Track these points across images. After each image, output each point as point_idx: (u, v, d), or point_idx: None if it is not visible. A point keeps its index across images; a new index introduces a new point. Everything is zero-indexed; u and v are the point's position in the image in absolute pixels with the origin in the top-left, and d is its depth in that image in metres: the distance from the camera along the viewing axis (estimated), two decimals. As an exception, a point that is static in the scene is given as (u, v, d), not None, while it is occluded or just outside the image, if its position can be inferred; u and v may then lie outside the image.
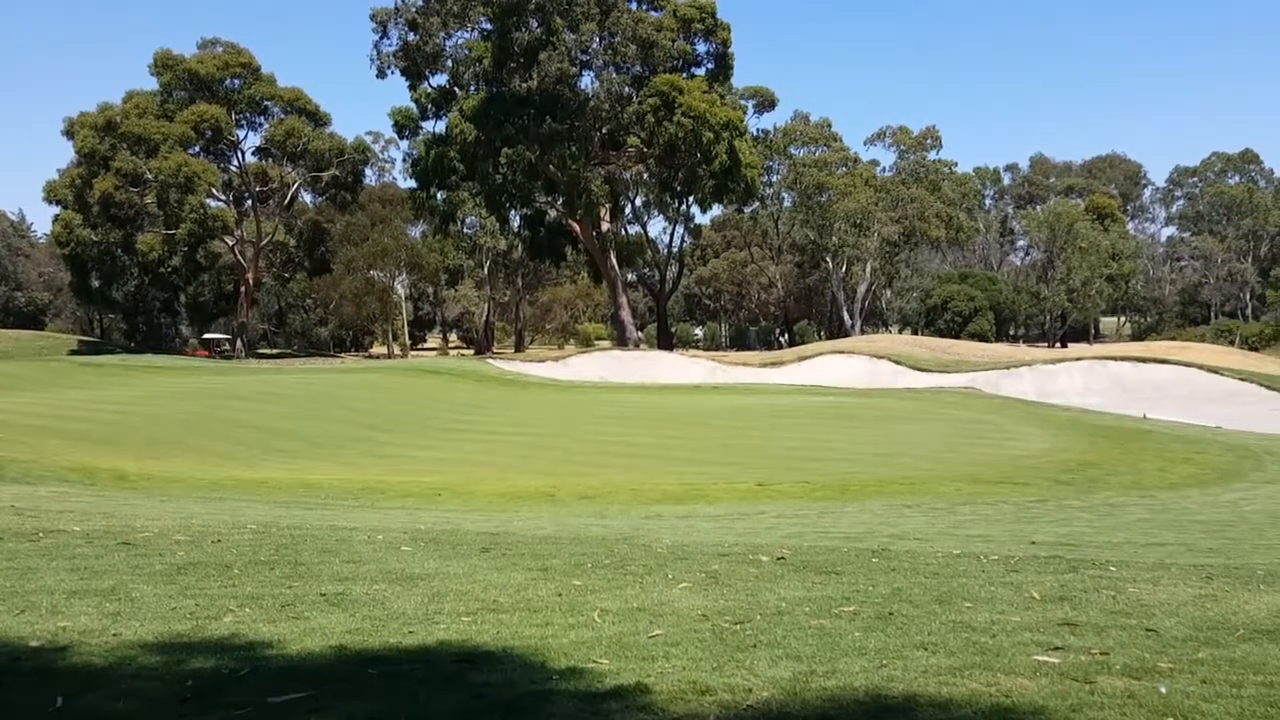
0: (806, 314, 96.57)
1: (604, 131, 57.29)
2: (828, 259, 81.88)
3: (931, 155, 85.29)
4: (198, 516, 9.10)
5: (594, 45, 55.34)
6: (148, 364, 48.24)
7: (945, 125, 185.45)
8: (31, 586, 5.18)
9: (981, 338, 68.20)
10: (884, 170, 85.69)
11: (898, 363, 43.25)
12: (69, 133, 61.62)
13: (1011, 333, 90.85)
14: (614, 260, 61.74)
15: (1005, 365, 40.54)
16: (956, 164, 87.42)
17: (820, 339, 79.76)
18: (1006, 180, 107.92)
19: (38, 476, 14.65)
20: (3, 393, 29.86)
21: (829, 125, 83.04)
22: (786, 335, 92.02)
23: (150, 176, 58.64)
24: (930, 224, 79.70)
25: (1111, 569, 6.19)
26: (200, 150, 63.43)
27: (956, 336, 65.15)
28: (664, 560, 6.47)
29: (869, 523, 10.11)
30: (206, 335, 71.40)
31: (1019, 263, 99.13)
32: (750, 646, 4.12)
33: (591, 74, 56.76)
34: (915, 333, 77.43)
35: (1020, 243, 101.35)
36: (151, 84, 63.19)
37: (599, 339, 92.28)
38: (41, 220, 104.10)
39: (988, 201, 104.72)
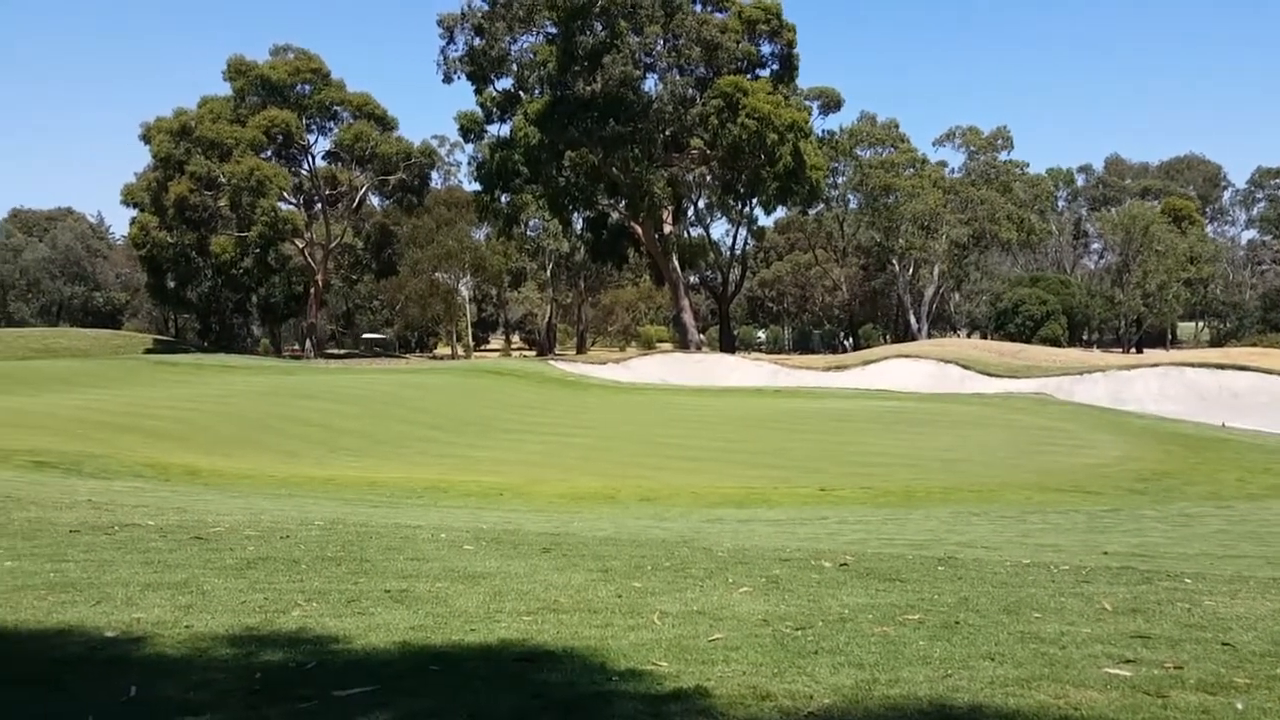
0: (872, 317, 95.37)
1: (667, 134, 57.25)
2: (894, 261, 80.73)
3: (1002, 156, 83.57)
4: (267, 512, 9.30)
5: (658, 48, 55.33)
6: (220, 363, 49.43)
7: (1017, 125, 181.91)
8: (108, 578, 5.33)
9: (1054, 342, 66.63)
10: (953, 171, 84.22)
11: (966, 367, 42.46)
12: (146, 137, 63.48)
13: (1085, 338, 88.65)
14: (676, 262, 61.67)
15: (1078, 371, 39.51)
16: (1028, 165, 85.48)
17: (886, 343, 78.64)
18: (1080, 182, 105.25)
19: (114, 472, 15.12)
20: (81, 390, 30.88)
21: (896, 126, 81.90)
22: (851, 339, 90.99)
23: (223, 180, 60.21)
24: (1001, 226, 78.12)
25: (1187, 581, 6.00)
26: (272, 154, 64.86)
27: (1027, 341, 63.74)
28: (724, 564, 6.44)
29: (934, 530, 9.93)
30: (366, 335, 73.16)
31: (1093, 266, 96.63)
32: (812, 653, 4.07)
33: (655, 76, 56.77)
34: (985, 337, 76.04)
35: (1094, 245, 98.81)
36: (225, 89, 64.87)
37: (660, 341, 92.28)
38: (119, 223, 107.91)
39: (1061, 203, 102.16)
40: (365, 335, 73.61)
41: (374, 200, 75.79)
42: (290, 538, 7.12)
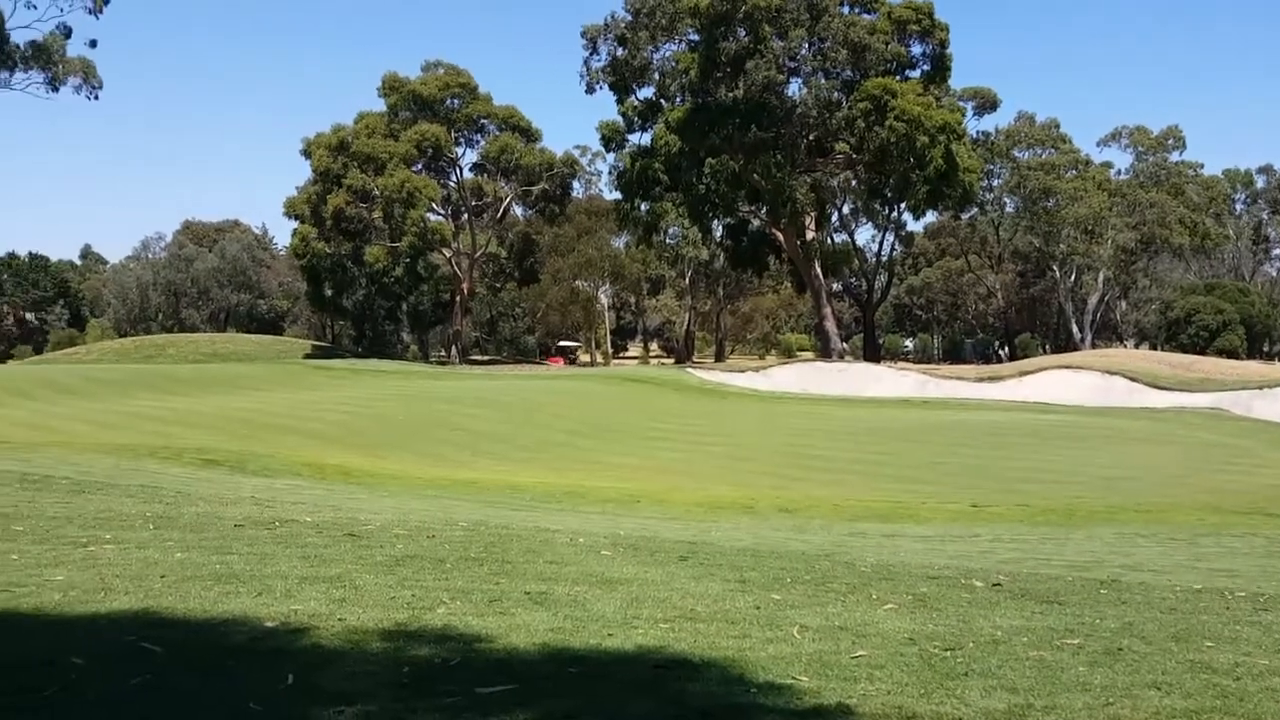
0: (1029, 326, 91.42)
1: (811, 138, 56.54)
2: (1054, 268, 77.17)
3: (1174, 156, 78.79)
4: (415, 512, 9.64)
5: (802, 51, 54.72)
6: (373, 368, 51.33)
7: (1189, 124, 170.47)
8: (268, 571, 5.59)
9: (1231, 354, 62.18)
10: (1119, 173, 79.94)
11: (1133, 379, 40.09)
12: (306, 152, 67.18)
13: (1266, 349, 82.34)
14: (818, 269, 60.78)
15: (1258, 385, 36.69)
16: (1202, 166, 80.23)
17: (1044, 353, 75.28)
18: (1260, 183, 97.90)
19: (275, 470, 15.97)
20: (246, 393, 32.78)
21: (1056, 126, 78.28)
22: (1006, 348, 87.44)
23: (377, 192, 63.06)
24: (1172, 230, 73.56)
25: (1384, 615, 5.45)
26: (422, 167, 67.49)
27: (1201, 353, 59.65)
28: (868, 579, 6.27)
29: (1096, 551, 9.40)
30: (562, 343, 76.13)
31: (1275, 273, 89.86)
32: (961, 675, 3.90)
33: (799, 80, 56.16)
34: (1154, 348, 71.68)
35: (1276, 251, 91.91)
36: (380, 105, 67.94)
37: (801, 350, 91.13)
38: (282, 234, 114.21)
39: (1238, 206, 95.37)
40: (562, 343, 76.09)
41: (517, 210, 77.88)
42: (436, 537, 7.33)
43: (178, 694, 3.44)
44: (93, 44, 64.75)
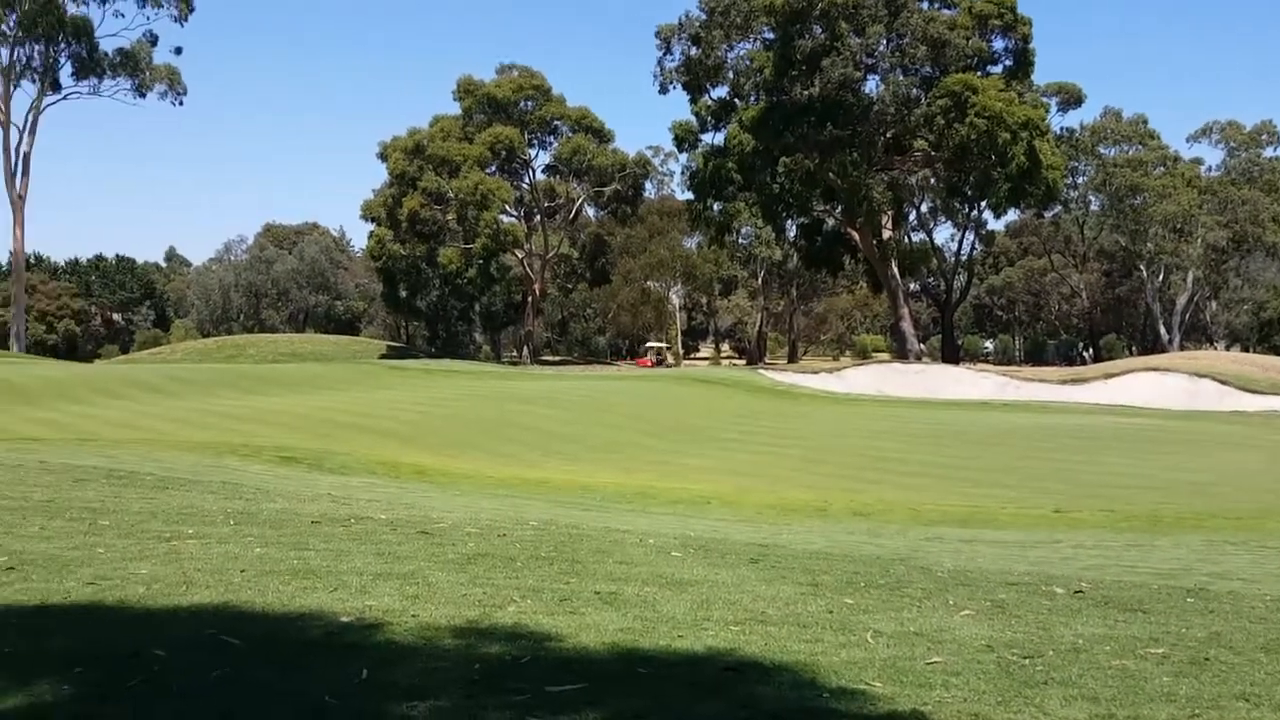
0: (1115, 327, 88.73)
1: (888, 136, 55.79)
2: (1141, 267, 74.79)
3: (1268, 152, 75.75)
4: (485, 511, 9.74)
5: (880, 48, 54.06)
6: (446, 368, 51.83)
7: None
8: (344, 567, 5.70)
9: (1328, 356, 59.41)
10: (1209, 170, 77.19)
11: (1224, 382, 38.61)
12: (383, 156, 68.60)
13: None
14: (895, 269, 59.92)
15: (1359, 388, 35.05)
16: (1300, 161, 77.04)
17: (1131, 354, 73.02)
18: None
19: (351, 468, 16.30)
20: (323, 392, 33.38)
21: (1144, 121, 75.85)
22: (1091, 350, 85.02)
23: (451, 195, 64.06)
24: (1266, 229, 70.70)
25: None
26: (495, 169, 68.38)
27: (1296, 354, 57.18)
28: (944, 584, 6.16)
29: (1184, 559, 9.06)
30: (649, 344, 76.96)
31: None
32: (1040, 683, 3.81)
33: (876, 78, 55.52)
34: (1246, 349, 69.02)
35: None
36: (455, 109, 69.03)
37: (877, 351, 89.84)
38: (359, 236, 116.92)
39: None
40: (649, 344, 76.58)
41: (589, 211, 78.36)
42: (507, 536, 7.40)
43: (256, 687, 3.52)
44: (178, 51, 66.79)
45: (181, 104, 68.61)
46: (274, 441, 18.77)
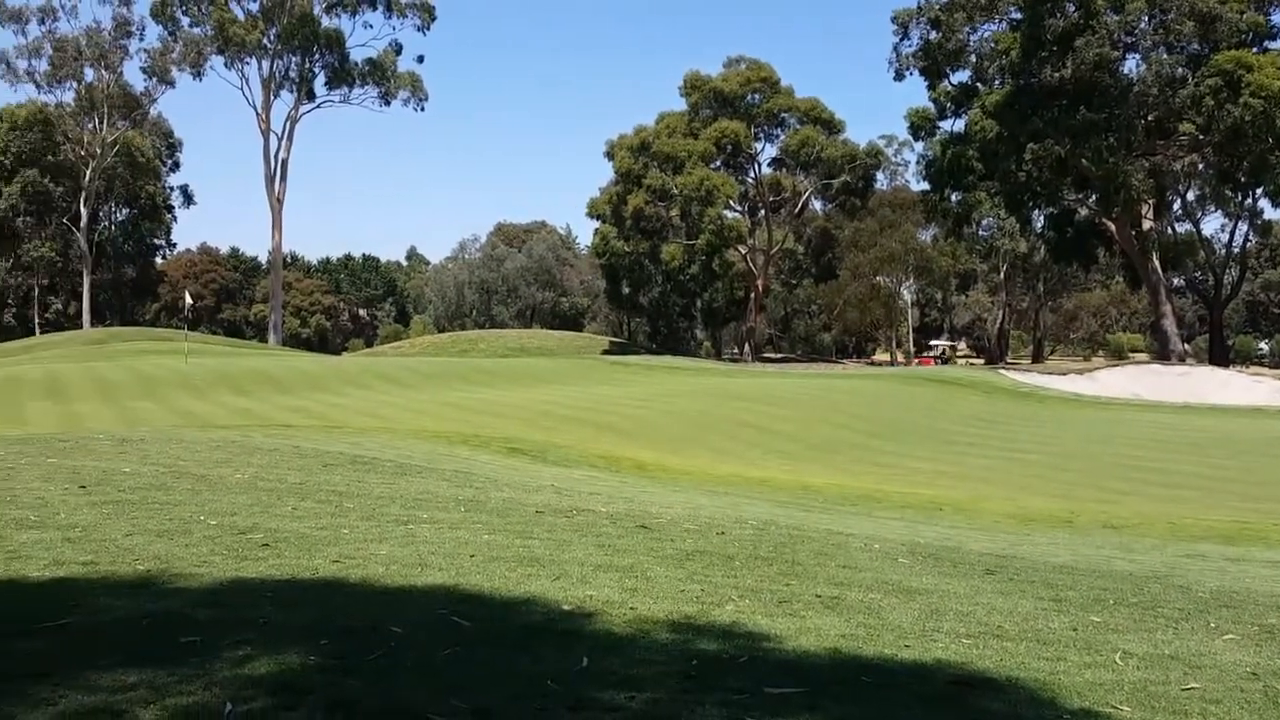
0: None
1: (1150, 119, 51.52)
2: None
3: None
4: (704, 508, 9.75)
5: (1141, 25, 50.06)
6: (667, 364, 52.19)
7: None
8: (566, 557, 5.88)
9: None
10: None
11: None
12: (609, 154, 70.37)
13: None
14: (1156, 263, 55.21)
15: None
16: None
17: None
18: None
19: (573, 461, 16.80)
20: (548, 386, 34.55)
21: None
22: (1390, 351, 74.60)
23: (676, 191, 64.83)
24: None
25: None
26: (720, 164, 68.52)
27: None
28: (1205, 606, 5.61)
29: None
30: (933, 341, 76.89)
31: None
32: (1315, 718, 3.37)
33: (1136, 57, 51.52)
34: None
35: None
36: (681, 104, 69.69)
37: (1134, 351, 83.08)
38: (584, 233, 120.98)
39: None
40: (933, 342, 75.46)
41: (816, 204, 77.06)
42: (725, 534, 7.37)
43: (484, 666, 3.69)
44: (420, 59, 72.29)
45: (423, 109, 73.80)
46: (501, 433, 19.67)
